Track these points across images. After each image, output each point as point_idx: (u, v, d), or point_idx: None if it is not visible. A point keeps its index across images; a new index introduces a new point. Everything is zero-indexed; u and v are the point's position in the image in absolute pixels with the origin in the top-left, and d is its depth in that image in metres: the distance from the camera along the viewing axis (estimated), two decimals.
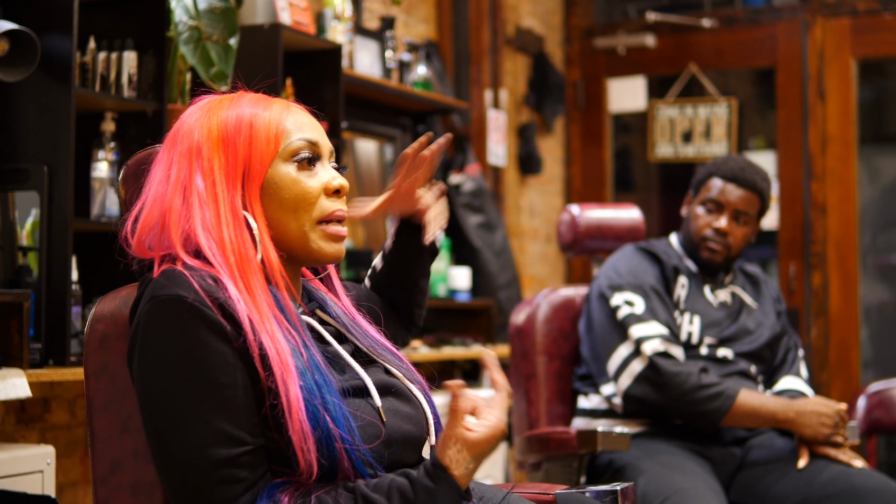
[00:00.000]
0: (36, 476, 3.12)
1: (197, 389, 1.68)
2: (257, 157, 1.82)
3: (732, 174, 3.43)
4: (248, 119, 1.84)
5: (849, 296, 6.39)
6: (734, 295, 3.52)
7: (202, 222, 1.79)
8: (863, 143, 6.60)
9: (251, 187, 1.82)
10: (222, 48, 3.68)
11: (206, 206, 1.79)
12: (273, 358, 1.71)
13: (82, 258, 3.61)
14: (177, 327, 1.70)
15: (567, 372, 3.55)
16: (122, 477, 1.84)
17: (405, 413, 1.86)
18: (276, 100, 1.90)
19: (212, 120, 1.85)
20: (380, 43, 5.19)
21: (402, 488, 1.71)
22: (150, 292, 1.74)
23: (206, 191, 1.80)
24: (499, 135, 6.17)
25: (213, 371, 1.69)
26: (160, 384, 1.70)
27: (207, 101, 1.90)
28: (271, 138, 1.83)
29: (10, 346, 3.11)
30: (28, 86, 3.37)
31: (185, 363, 1.69)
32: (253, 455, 1.70)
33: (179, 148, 1.84)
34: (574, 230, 3.66)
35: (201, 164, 1.81)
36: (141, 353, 1.72)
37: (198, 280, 1.72)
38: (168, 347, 1.70)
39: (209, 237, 1.78)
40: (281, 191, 1.83)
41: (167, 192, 1.82)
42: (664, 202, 7.62)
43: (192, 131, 1.84)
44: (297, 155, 1.85)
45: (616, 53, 6.99)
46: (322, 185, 1.86)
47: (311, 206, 1.85)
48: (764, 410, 3.23)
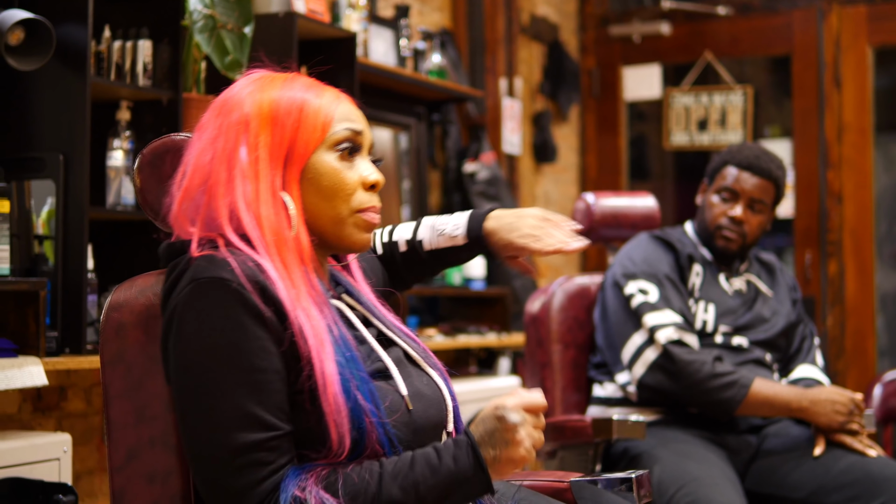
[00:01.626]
0: (52, 464, 3.13)
1: (231, 372, 1.70)
2: (302, 141, 1.84)
3: (748, 162, 3.43)
4: (299, 102, 1.85)
5: (865, 284, 6.38)
6: (749, 283, 3.51)
7: (243, 195, 1.80)
8: (879, 131, 6.58)
9: (292, 170, 1.83)
10: (237, 37, 3.68)
11: (248, 180, 1.81)
12: (308, 333, 1.73)
13: (98, 247, 3.62)
14: (216, 310, 1.71)
15: (582, 360, 3.55)
16: (138, 465, 1.84)
17: (427, 398, 1.87)
18: (328, 88, 1.91)
19: (264, 96, 1.85)
20: (394, 31, 5.18)
21: (426, 454, 1.73)
22: (192, 275, 1.75)
23: (248, 165, 1.81)
24: (514, 123, 6.16)
25: (248, 355, 1.70)
26: (196, 365, 1.71)
27: (261, 76, 1.91)
28: (318, 126, 1.84)
29: (27, 334, 3.12)
30: (43, 75, 3.38)
31: (222, 345, 1.70)
32: (281, 440, 1.71)
33: (227, 119, 1.85)
34: (589, 218, 3.66)
35: (248, 138, 1.83)
36: (178, 334, 1.74)
37: (240, 264, 1.73)
38: (206, 329, 1.71)
39: (248, 211, 1.80)
40: (321, 178, 1.85)
41: (212, 162, 1.84)
42: (679, 190, 7.60)
43: (243, 104, 1.86)
44: (340, 144, 1.86)
45: (631, 41, 6.97)
46: (360, 178, 1.88)
47: (347, 197, 1.86)
48: (778, 399, 3.23)
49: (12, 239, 3.13)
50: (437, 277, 5.35)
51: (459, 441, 1.74)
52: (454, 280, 5.44)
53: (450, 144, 5.73)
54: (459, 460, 1.72)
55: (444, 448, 1.73)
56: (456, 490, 1.73)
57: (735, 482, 3.13)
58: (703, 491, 3.01)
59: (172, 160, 1.92)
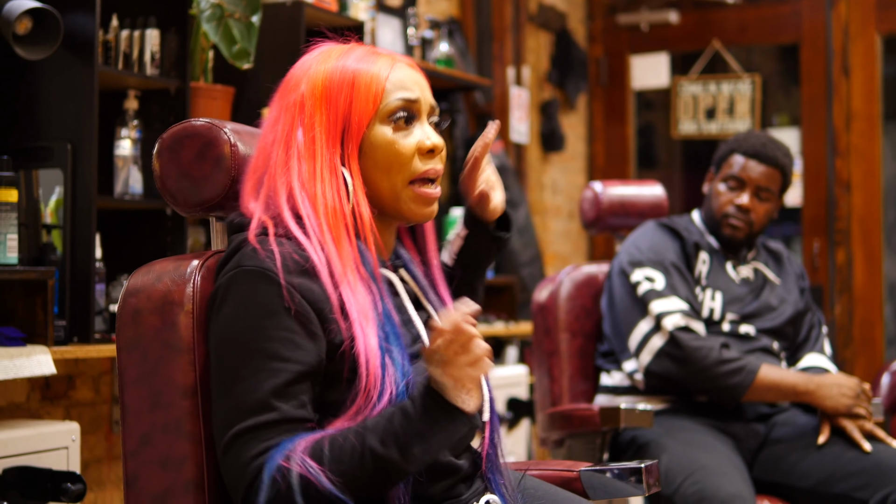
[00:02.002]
0: (61, 452, 3.14)
1: (254, 357, 1.73)
2: (356, 116, 1.86)
3: (754, 150, 3.42)
4: (350, 75, 1.87)
5: (873, 272, 6.37)
6: (757, 271, 3.51)
7: (298, 176, 1.84)
8: (887, 119, 6.57)
9: (350, 146, 1.86)
10: (245, 26, 3.68)
11: (304, 161, 1.84)
12: (351, 308, 1.76)
13: (106, 236, 3.62)
14: (253, 298, 1.75)
15: (590, 349, 3.55)
16: (151, 451, 1.85)
17: None
18: (382, 55, 1.92)
19: (318, 73, 1.88)
20: (402, 20, 5.18)
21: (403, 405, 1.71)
22: (239, 260, 1.79)
23: (305, 146, 1.85)
24: (521, 112, 6.16)
25: (273, 343, 1.73)
26: (225, 346, 1.76)
27: (319, 51, 1.94)
28: (370, 98, 1.86)
29: (35, 323, 3.13)
30: (51, 64, 3.38)
31: (250, 331, 1.74)
32: (291, 425, 1.73)
33: (286, 100, 1.89)
34: (597, 207, 3.66)
35: (303, 119, 1.86)
36: (216, 316, 1.79)
37: (286, 256, 1.77)
38: (240, 314, 1.75)
39: (302, 191, 1.84)
40: (376, 151, 1.87)
41: (273, 144, 1.88)
42: (687, 179, 7.60)
43: (300, 84, 1.89)
44: (394, 115, 1.87)
45: (639, 30, 6.96)
46: (416, 144, 1.89)
47: (403, 167, 1.88)
48: (785, 384, 3.23)
49: (20, 228, 3.14)
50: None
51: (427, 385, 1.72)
52: None
53: (457, 133, 5.72)
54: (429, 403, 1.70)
55: (417, 395, 1.72)
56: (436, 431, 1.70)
57: (742, 471, 3.13)
58: (710, 479, 3.01)
59: (191, 145, 1.94)
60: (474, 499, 1.90)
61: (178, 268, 1.89)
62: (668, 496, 3.07)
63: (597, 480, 2.14)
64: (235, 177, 1.93)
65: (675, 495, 3.05)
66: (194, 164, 1.94)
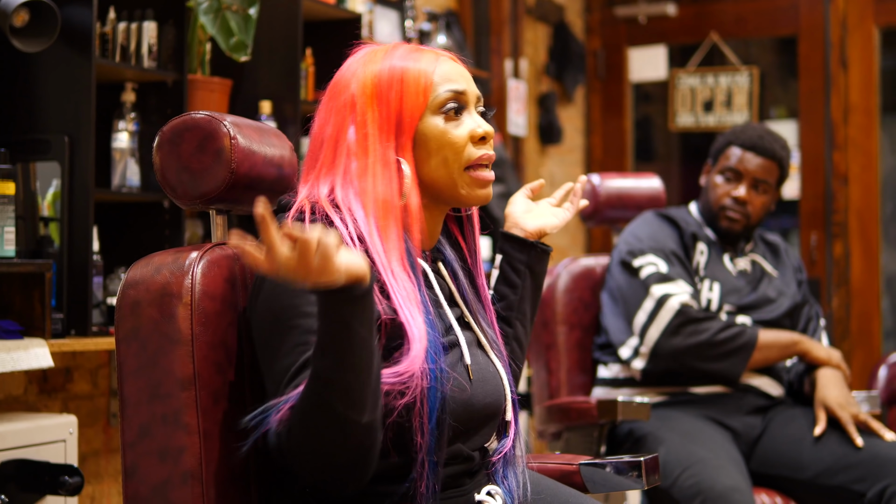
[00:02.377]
0: (59, 445, 3.14)
1: (292, 333, 1.75)
2: (408, 110, 1.90)
3: (751, 142, 3.42)
4: (398, 73, 1.92)
5: (870, 265, 6.37)
6: (754, 263, 3.51)
7: (344, 172, 1.88)
8: (885, 112, 6.56)
9: (403, 140, 1.90)
10: (242, 18, 3.67)
11: (356, 157, 1.88)
12: (397, 291, 1.80)
13: (103, 228, 3.62)
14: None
15: (587, 342, 3.55)
16: (150, 442, 1.86)
17: (489, 385, 1.92)
18: (426, 51, 1.97)
19: (366, 74, 1.92)
20: (399, 12, 5.17)
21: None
22: None
23: (357, 143, 1.89)
24: (519, 104, 6.16)
25: (309, 319, 1.74)
26: (266, 322, 1.79)
27: (364, 52, 1.97)
28: (420, 92, 1.91)
29: (33, 316, 3.13)
30: (48, 57, 3.38)
31: (290, 307, 1.76)
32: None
33: (336, 102, 1.93)
34: (594, 199, 3.66)
35: (355, 117, 1.90)
36: (255, 298, 1.83)
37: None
38: (281, 291, 1.77)
39: (349, 185, 1.88)
40: (430, 141, 1.91)
41: (321, 147, 1.92)
42: (685, 171, 7.59)
43: (349, 85, 1.93)
44: (444, 106, 1.92)
45: (637, 22, 6.96)
46: (468, 132, 1.94)
47: (458, 155, 1.93)
48: (783, 337, 3.33)
49: (18, 221, 3.13)
50: None
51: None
52: None
53: None
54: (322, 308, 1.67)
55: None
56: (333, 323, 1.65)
57: (740, 463, 3.13)
58: (707, 472, 3.02)
59: (191, 138, 1.95)
60: (476, 489, 1.91)
61: (177, 260, 1.90)
62: (666, 489, 3.07)
63: (597, 474, 2.14)
64: (235, 169, 1.93)
65: (673, 488, 3.05)
66: (194, 157, 1.95)
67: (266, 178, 2.01)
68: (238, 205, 2.02)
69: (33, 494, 3.03)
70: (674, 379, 3.34)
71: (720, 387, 3.33)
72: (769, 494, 3.20)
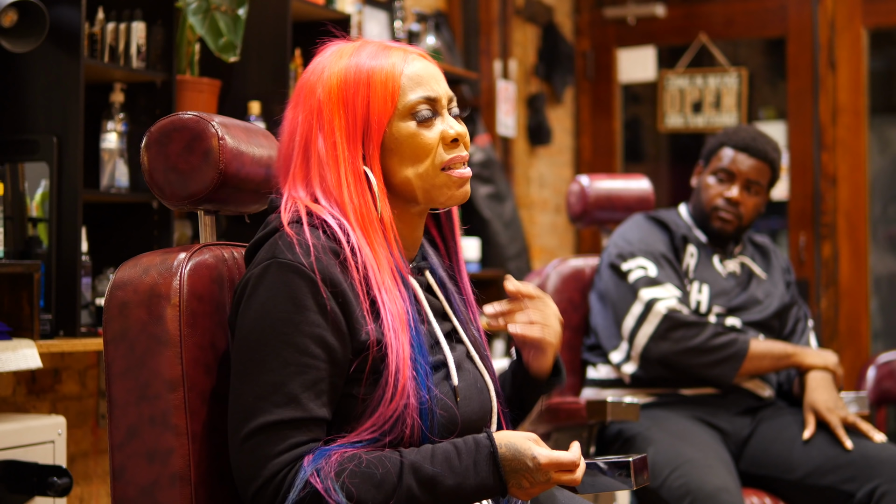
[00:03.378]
0: (47, 446, 3.13)
1: (284, 350, 1.74)
2: (375, 116, 1.86)
3: (744, 144, 3.43)
4: (364, 75, 1.87)
5: (859, 266, 6.38)
6: (743, 265, 3.52)
7: (321, 182, 1.85)
8: (873, 113, 6.58)
9: (371, 145, 1.86)
10: (231, 19, 3.67)
11: (328, 168, 1.85)
12: (389, 311, 1.78)
13: (92, 229, 3.61)
14: (286, 291, 1.76)
15: (577, 342, 3.56)
16: (138, 444, 1.85)
17: (476, 400, 1.90)
18: (394, 49, 1.92)
19: (331, 76, 1.88)
20: (389, 13, 5.17)
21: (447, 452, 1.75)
22: (272, 251, 1.79)
23: (327, 153, 1.85)
24: (508, 105, 6.16)
25: (304, 338, 1.74)
26: (254, 336, 1.76)
27: (331, 51, 1.93)
28: (388, 96, 1.86)
29: (21, 316, 3.12)
30: (37, 57, 3.37)
31: (281, 323, 1.75)
32: (312, 424, 1.75)
33: (304, 106, 1.89)
34: (583, 201, 3.66)
35: (322, 125, 1.86)
36: (247, 304, 1.79)
37: (318, 250, 1.78)
38: (271, 306, 1.76)
39: (330, 199, 1.84)
40: (401, 146, 1.87)
41: (294, 150, 1.88)
42: (674, 173, 7.60)
43: (315, 88, 1.89)
44: (414, 111, 1.88)
45: (626, 23, 6.96)
46: (440, 134, 1.89)
47: (430, 156, 1.88)
48: (776, 349, 3.32)
49: (6, 221, 3.13)
50: None
51: (481, 446, 1.76)
52: None
53: None
54: (479, 467, 1.74)
55: (464, 448, 1.75)
56: (471, 494, 1.74)
57: (729, 464, 3.14)
58: (696, 473, 3.02)
59: (179, 139, 1.95)
60: None
61: (165, 261, 1.89)
62: (654, 489, 3.07)
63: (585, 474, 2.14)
64: (223, 170, 1.93)
65: (662, 488, 3.05)
66: (182, 158, 1.94)
67: (254, 178, 2.01)
68: (226, 205, 2.02)
69: (22, 496, 3.02)
70: (663, 380, 3.34)
71: (710, 388, 3.34)
72: (758, 495, 3.20)
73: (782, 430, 3.26)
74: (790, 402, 3.42)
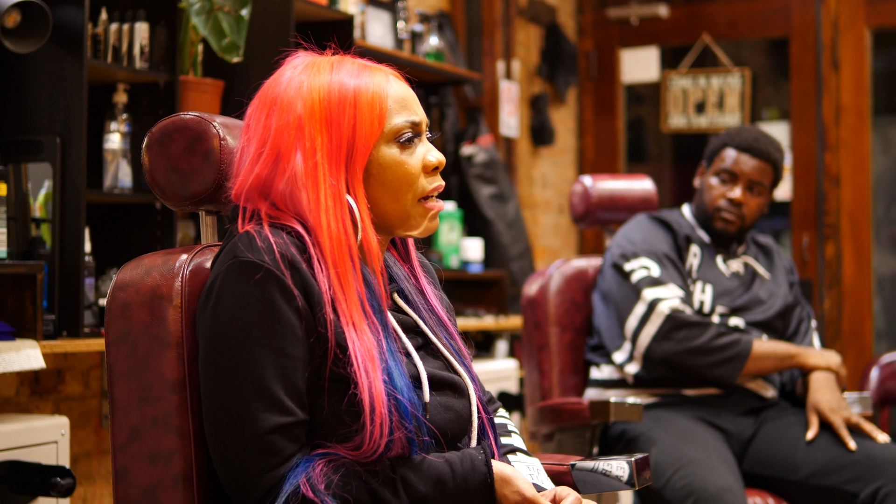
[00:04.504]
0: (50, 447, 3.13)
1: (261, 352, 1.71)
2: (361, 138, 1.81)
3: (747, 144, 3.43)
4: (351, 94, 1.82)
5: (862, 267, 6.38)
6: (747, 265, 3.52)
7: (295, 202, 1.79)
8: (877, 113, 6.58)
9: (354, 169, 1.81)
10: (234, 19, 3.67)
11: (306, 189, 1.79)
12: (357, 349, 1.73)
13: (95, 230, 3.62)
14: (253, 291, 1.72)
15: (579, 343, 3.56)
16: (140, 445, 1.85)
17: (457, 411, 1.87)
18: (375, 70, 1.88)
19: (313, 91, 1.82)
20: (392, 13, 5.17)
21: (440, 472, 1.75)
22: (233, 251, 1.76)
23: (306, 173, 1.79)
24: (511, 106, 6.16)
25: (280, 339, 1.72)
26: (226, 341, 1.73)
27: (305, 64, 1.87)
28: (375, 118, 1.82)
29: (24, 317, 3.12)
30: (40, 57, 3.37)
31: (255, 325, 1.72)
32: (296, 428, 1.73)
33: (279, 120, 1.82)
34: (586, 201, 3.66)
35: (303, 143, 1.80)
36: (213, 310, 1.75)
37: (282, 248, 1.74)
38: (241, 308, 1.73)
39: (304, 217, 1.79)
40: (384, 172, 1.83)
41: (264, 163, 1.82)
42: (677, 173, 7.60)
43: (294, 104, 1.82)
44: (399, 135, 1.84)
45: (629, 24, 6.96)
46: (421, 162, 1.86)
47: (412, 186, 1.85)
48: (779, 349, 3.31)
49: (9, 222, 3.13)
50: (435, 260, 5.35)
51: (476, 466, 1.76)
52: (452, 263, 5.44)
53: (447, 127, 5.72)
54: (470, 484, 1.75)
55: (458, 467, 1.75)
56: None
57: (732, 464, 3.13)
58: (699, 473, 3.02)
59: (180, 139, 1.94)
60: None
61: (167, 262, 1.89)
62: (658, 489, 3.07)
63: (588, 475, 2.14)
64: (224, 171, 1.93)
65: (665, 489, 3.05)
66: (183, 158, 1.93)
67: None
68: (228, 206, 2.02)
69: (25, 496, 3.03)
70: (666, 381, 3.34)
71: (713, 388, 3.34)
72: (762, 495, 3.20)
73: (786, 430, 3.26)
74: (793, 402, 3.41)
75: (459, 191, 5.67)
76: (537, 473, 1.97)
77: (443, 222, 5.43)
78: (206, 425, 1.77)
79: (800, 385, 3.36)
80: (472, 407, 1.90)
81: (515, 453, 2.00)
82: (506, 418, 2.10)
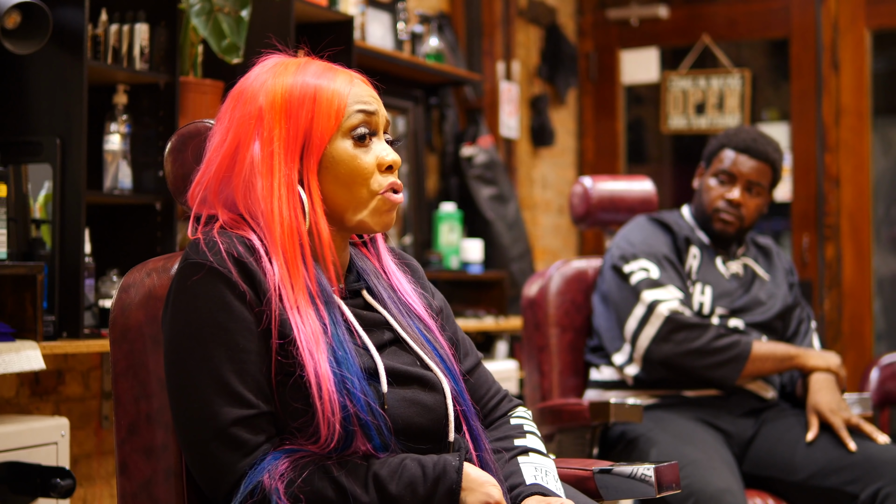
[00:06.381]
0: (50, 448, 3.13)
1: (216, 350, 1.76)
2: (318, 131, 1.85)
3: (745, 145, 3.43)
4: (311, 91, 1.86)
5: (862, 268, 6.38)
6: (746, 266, 3.52)
7: (248, 190, 1.84)
8: (877, 114, 6.57)
9: (309, 161, 1.85)
10: (234, 20, 3.67)
11: (261, 176, 1.83)
12: (301, 332, 1.76)
13: (95, 231, 3.62)
14: (203, 290, 1.77)
15: (579, 344, 3.56)
16: (137, 440, 1.92)
17: (426, 405, 1.86)
18: (340, 71, 1.91)
19: (276, 86, 1.87)
20: (392, 14, 5.17)
21: (413, 476, 1.75)
22: (184, 256, 1.81)
23: (262, 161, 1.84)
24: (511, 107, 6.16)
25: (233, 334, 1.76)
26: (183, 342, 1.78)
27: (274, 63, 1.92)
28: (332, 113, 1.86)
29: (24, 318, 3.12)
30: (40, 58, 3.37)
31: (208, 324, 1.76)
32: (260, 419, 1.76)
33: (242, 111, 1.87)
34: (586, 202, 3.66)
35: (261, 132, 1.85)
36: (169, 313, 1.81)
37: (228, 246, 1.78)
38: (193, 309, 1.78)
39: (255, 208, 1.83)
40: (337, 166, 1.86)
41: (224, 154, 1.87)
42: (677, 174, 7.60)
43: (257, 96, 1.87)
44: (354, 130, 1.87)
45: (629, 25, 6.96)
46: (376, 160, 1.89)
47: (365, 182, 1.87)
48: (778, 350, 3.31)
49: (9, 223, 3.13)
50: (435, 261, 5.35)
51: (448, 472, 1.76)
52: (452, 264, 5.44)
53: (447, 128, 5.72)
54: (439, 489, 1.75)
55: (431, 471, 1.76)
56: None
57: (732, 465, 3.13)
58: (699, 474, 3.02)
59: (194, 146, 1.98)
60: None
61: (166, 265, 1.96)
62: None
63: (611, 481, 2.13)
64: None
65: None
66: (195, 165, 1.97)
67: None
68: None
69: (25, 497, 3.03)
70: (666, 382, 3.34)
71: (713, 390, 3.34)
72: (762, 496, 3.20)
73: (785, 431, 3.26)
74: (793, 403, 3.41)
75: (459, 192, 5.67)
76: (545, 475, 1.96)
77: (443, 223, 5.43)
78: (175, 425, 1.81)
79: (800, 386, 3.37)
80: (448, 401, 1.89)
81: (528, 454, 1.99)
82: (523, 418, 2.09)
